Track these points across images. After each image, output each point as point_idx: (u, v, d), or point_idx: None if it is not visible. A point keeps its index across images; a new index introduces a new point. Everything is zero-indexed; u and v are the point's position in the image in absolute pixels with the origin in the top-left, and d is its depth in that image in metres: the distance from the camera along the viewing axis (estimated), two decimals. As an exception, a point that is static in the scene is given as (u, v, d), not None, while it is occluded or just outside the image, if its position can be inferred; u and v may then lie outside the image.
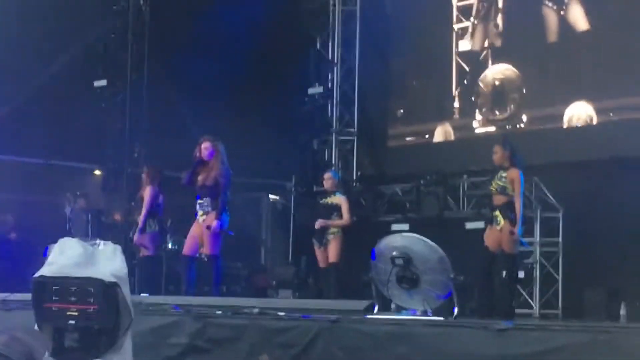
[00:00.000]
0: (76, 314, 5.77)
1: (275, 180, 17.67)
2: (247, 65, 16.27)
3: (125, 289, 5.83)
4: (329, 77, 16.79)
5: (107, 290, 5.75)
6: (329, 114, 16.78)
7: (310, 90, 16.42)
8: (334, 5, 16.91)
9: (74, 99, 15.98)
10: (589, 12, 13.52)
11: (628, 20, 13.09)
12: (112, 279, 5.76)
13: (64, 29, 16.24)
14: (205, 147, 11.45)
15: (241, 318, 8.56)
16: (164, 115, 15.70)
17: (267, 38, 16.21)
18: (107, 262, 5.87)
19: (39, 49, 16.22)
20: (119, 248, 6.04)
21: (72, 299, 5.77)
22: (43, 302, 5.83)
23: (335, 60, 16.85)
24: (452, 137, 15.28)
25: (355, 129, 16.74)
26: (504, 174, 10.62)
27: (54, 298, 5.79)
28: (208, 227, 11.33)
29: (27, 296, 6.09)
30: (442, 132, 15.39)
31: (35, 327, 5.88)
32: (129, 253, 12.71)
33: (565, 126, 13.68)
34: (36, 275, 5.87)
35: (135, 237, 12.66)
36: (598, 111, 13.33)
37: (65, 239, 6.06)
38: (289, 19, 16.47)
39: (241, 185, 15.12)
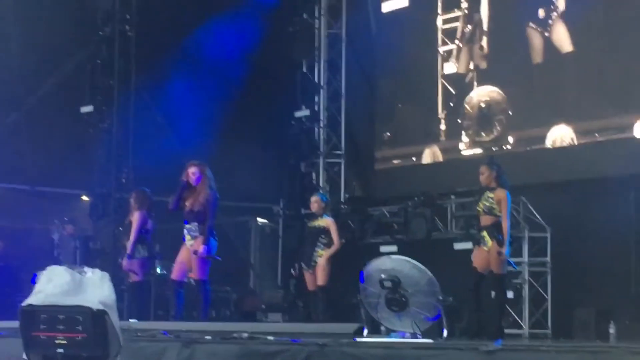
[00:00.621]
0: (65, 342, 5.75)
1: (263, 204, 17.68)
2: (234, 89, 16.32)
3: (114, 316, 5.81)
4: (316, 100, 16.83)
5: (95, 318, 5.73)
6: (316, 136, 16.81)
7: (297, 114, 16.46)
8: (319, 28, 16.97)
9: (60, 124, 16.01)
10: (573, 34, 13.58)
11: (611, 41, 13.15)
12: (101, 307, 5.74)
13: (49, 55, 16.28)
14: (192, 172, 11.45)
15: (230, 343, 8.54)
16: (151, 139, 15.71)
17: (253, 62, 16.28)
18: (95, 289, 5.85)
19: (25, 75, 16.23)
20: (106, 275, 6.03)
21: (61, 327, 5.75)
22: (31, 331, 5.80)
23: (322, 83, 16.90)
24: (440, 159, 15.31)
25: (343, 152, 16.78)
26: (491, 195, 10.63)
27: (42, 327, 5.77)
28: (195, 253, 11.32)
29: (15, 324, 6.07)
30: (430, 154, 15.42)
31: (24, 355, 5.86)
32: (118, 279, 12.69)
33: (551, 146, 13.71)
34: (24, 304, 5.85)
35: (124, 263, 12.58)
36: (583, 131, 13.36)
37: (53, 266, 6.04)
38: (274, 43, 16.52)
39: (229, 209, 15.12)
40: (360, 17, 16.73)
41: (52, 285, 5.85)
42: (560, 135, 13.57)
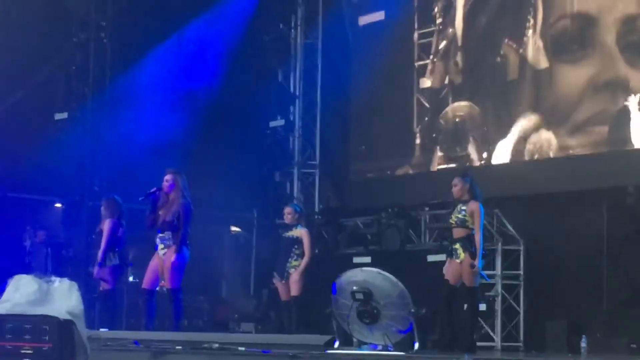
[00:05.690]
0: (30, 352, 5.68)
1: (237, 213, 17.62)
2: (209, 97, 16.27)
3: (81, 327, 5.75)
4: (291, 109, 16.81)
5: (62, 328, 5.67)
6: (291, 146, 16.79)
7: (272, 123, 16.44)
8: (296, 38, 16.96)
9: (34, 131, 15.88)
10: (548, 50, 13.61)
11: (585, 57, 13.19)
12: (68, 317, 5.68)
13: (24, 61, 16.15)
14: (166, 179, 11.37)
15: (201, 353, 8.49)
16: (125, 147, 15.62)
17: (228, 70, 16.22)
18: (63, 299, 5.79)
19: (-1, 81, 16.12)
20: (75, 285, 5.96)
21: (27, 337, 5.68)
22: (-3, 340, 5.74)
23: (297, 93, 16.88)
24: (414, 172, 15.30)
25: (317, 162, 16.76)
26: (464, 207, 10.63)
27: (8, 336, 5.70)
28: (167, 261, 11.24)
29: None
30: (405, 169, 15.42)
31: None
32: (90, 287, 12.59)
33: (525, 159, 13.73)
34: (-10, 312, 5.79)
35: (95, 271, 12.49)
36: (557, 147, 13.40)
37: (20, 275, 5.98)
38: (250, 51, 16.49)
39: (202, 217, 15.03)
40: (337, 29, 16.72)
41: (19, 295, 5.79)
42: (536, 148, 13.59)
